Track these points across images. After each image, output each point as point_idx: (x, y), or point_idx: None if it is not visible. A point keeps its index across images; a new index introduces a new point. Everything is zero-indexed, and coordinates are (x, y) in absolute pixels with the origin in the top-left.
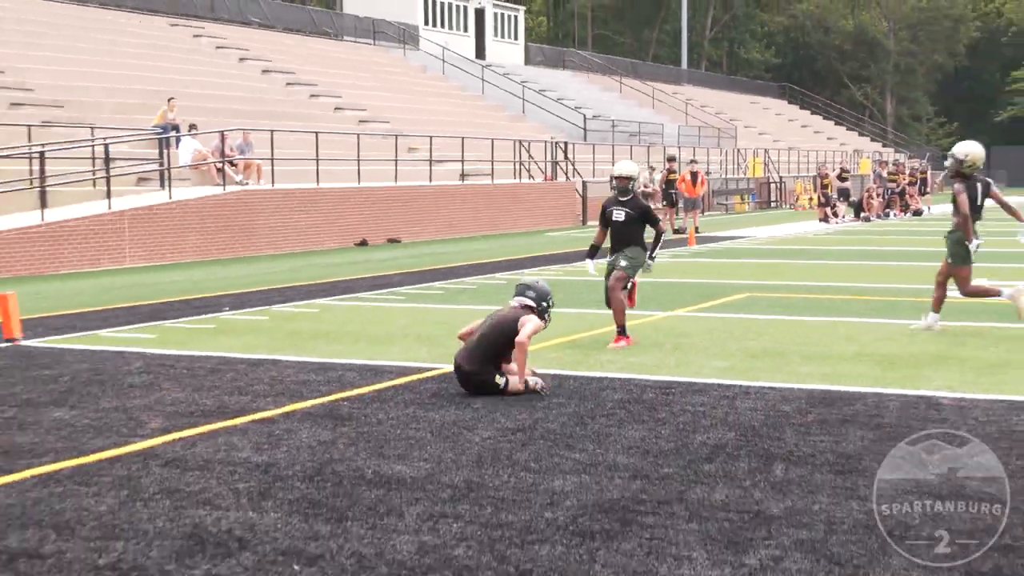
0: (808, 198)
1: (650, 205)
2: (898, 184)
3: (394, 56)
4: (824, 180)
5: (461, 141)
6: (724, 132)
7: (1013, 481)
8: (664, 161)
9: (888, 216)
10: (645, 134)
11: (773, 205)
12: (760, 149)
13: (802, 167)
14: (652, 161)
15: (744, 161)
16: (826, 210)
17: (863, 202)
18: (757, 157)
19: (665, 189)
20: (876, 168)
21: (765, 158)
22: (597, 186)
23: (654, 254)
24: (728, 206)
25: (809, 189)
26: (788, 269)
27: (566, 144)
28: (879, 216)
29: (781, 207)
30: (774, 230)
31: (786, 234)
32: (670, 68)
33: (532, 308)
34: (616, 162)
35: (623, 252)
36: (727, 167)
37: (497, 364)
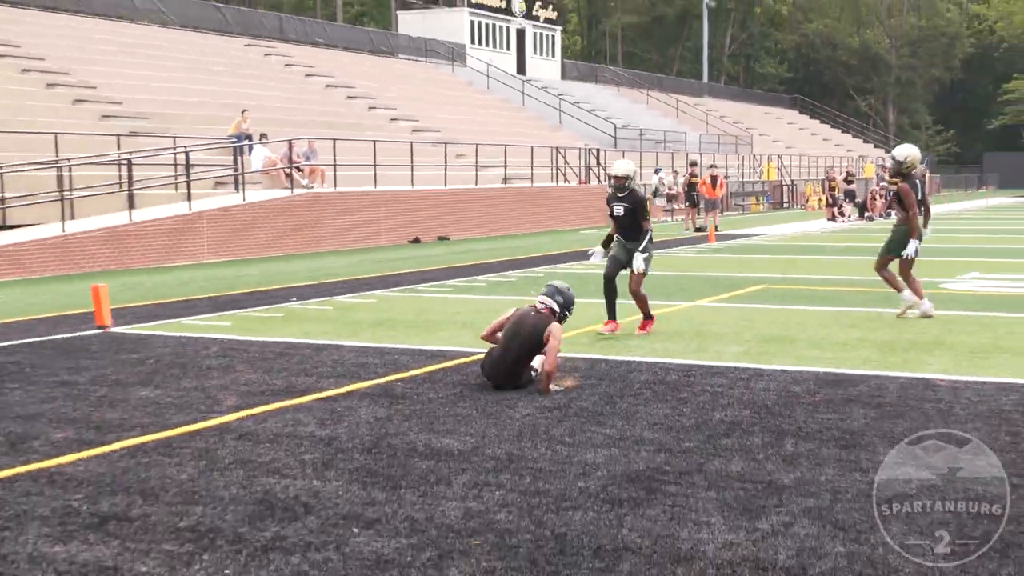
0: (817, 199)
1: (646, 199)
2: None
3: (444, 72)
4: (832, 183)
5: (504, 148)
6: (741, 140)
7: (1002, 455)
8: (687, 166)
9: (890, 216)
10: (669, 142)
11: (785, 206)
12: (774, 155)
13: (812, 171)
14: (676, 166)
15: (759, 166)
16: (833, 210)
17: (867, 203)
18: (771, 162)
19: (687, 191)
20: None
21: (778, 163)
22: None
23: (645, 248)
24: (744, 207)
25: (818, 191)
26: (799, 263)
27: (598, 151)
28: (882, 215)
29: (792, 207)
30: (786, 228)
31: (797, 232)
32: (692, 82)
33: (555, 312)
34: (615, 163)
35: (633, 246)
36: (744, 171)
37: (525, 366)
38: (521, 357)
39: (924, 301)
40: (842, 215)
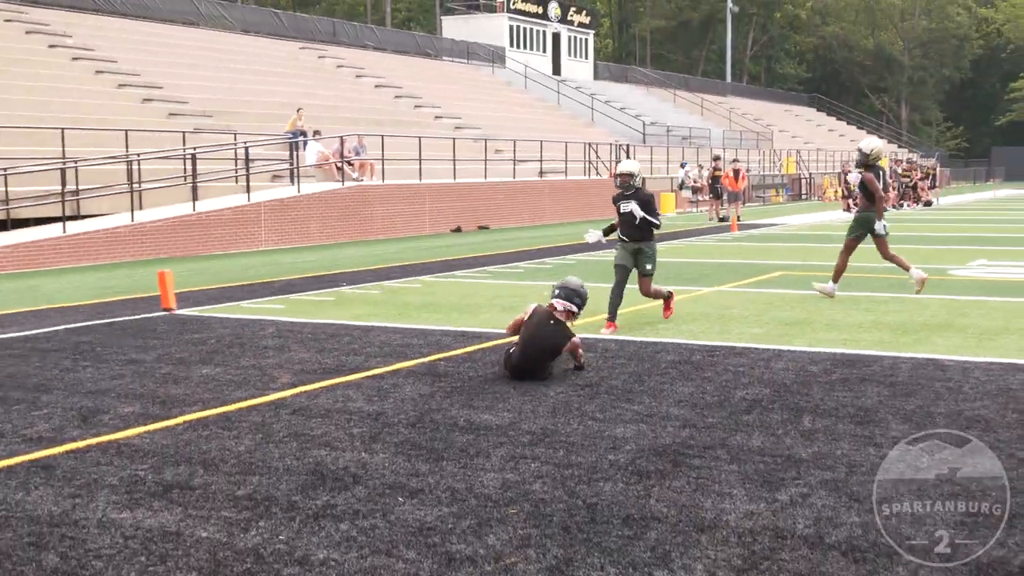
0: (833, 191)
1: (653, 195)
2: (911, 179)
3: (484, 73)
4: (847, 176)
5: (540, 144)
6: (762, 136)
7: (1009, 431)
8: (711, 160)
9: (902, 207)
10: (695, 137)
11: (803, 197)
12: (793, 150)
13: (828, 165)
14: (700, 160)
15: (779, 160)
16: (849, 201)
17: None
18: (790, 156)
19: (711, 184)
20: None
21: (797, 157)
22: (654, 182)
23: (649, 238)
24: (765, 198)
25: (834, 184)
26: (816, 251)
27: (628, 146)
28: (894, 207)
29: (810, 199)
30: (804, 219)
31: (814, 222)
32: (716, 82)
33: (573, 314)
34: (621, 163)
35: (638, 247)
36: (764, 165)
37: (545, 367)
38: (543, 361)
39: (914, 271)
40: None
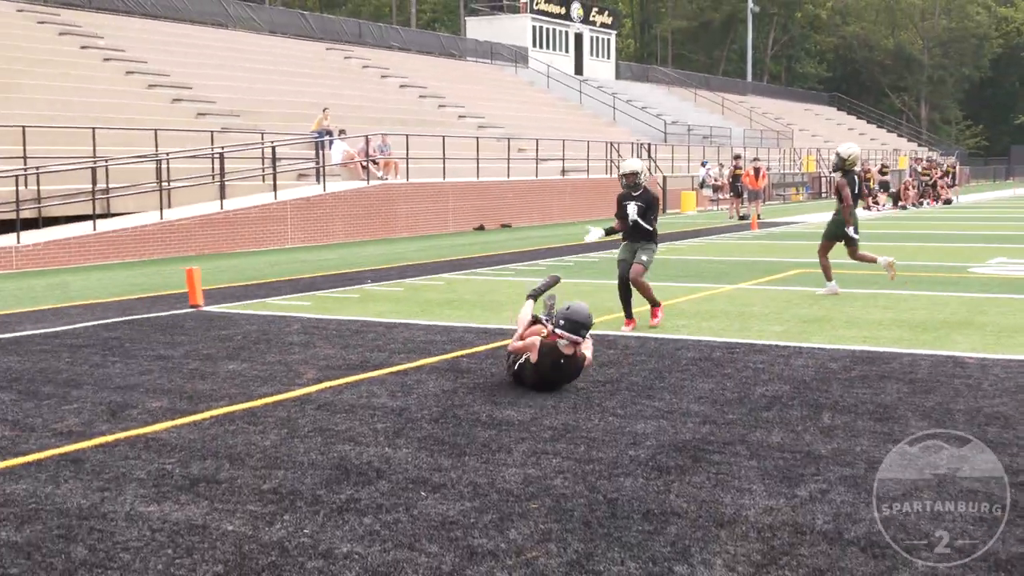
0: None
1: (658, 197)
2: (931, 178)
3: (507, 73)
4: (867, 174)
5: (562, 143)
6: (782, 134)
7: None
8: (731, 159)
9: (922, 205)
10: (715, 136)
11: (824, 196)
12: (813, 148)
13: None
14: (721, 159)
15: (799, 159)
16: (868, 200)
17: (901, 193)
18: (810, 155)
19: (732, 182)
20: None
21: (817, 156)
22: (676, 180)
23: (650, 243)
24: (785, 196)
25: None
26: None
27: (649, 145)
28: (914, 205)
29: (830, 198)
30: (824, 217)
31: None
32: (737, 81)
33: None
34: (624, 161)
35: (640, 245)
36: (785, 164)
37: None
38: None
39: (880, 258)
40: (877, 204)
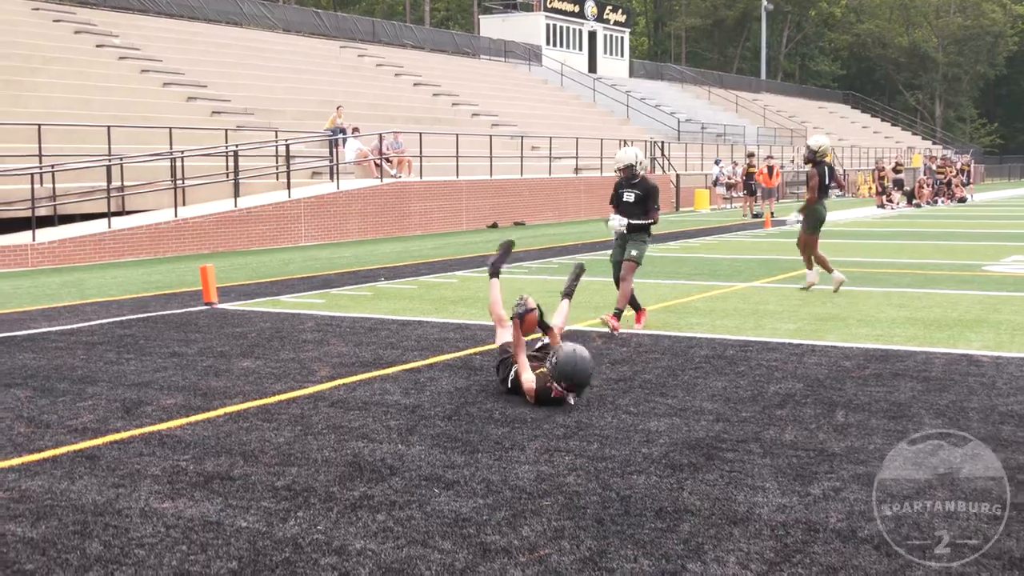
0: (867, 187)
1: (657, 187)
2: (945, 176)
3: (521, 71)
4: (881, 172)
5: (575, 141)
6: (796, 132)
7: None
8: (745, 157)
9: (936, 203)
10: (729, 135)
11: (838, 194)
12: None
13: (862, 161)
14: (735, 157)
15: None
16: (883, 198)
17: (915, 191)
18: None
19: (746, 180)
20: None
21: (831, 154)
22: (689, 178)
23: (638, 224)
24: (799, 195)
25: (869, 180)
26: (849, 247)
27: (663, 143)
28: (929, 203)
29: (845, 195)
30: (838, 215)
31: (848, 218)
32: (751, 79)
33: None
34: (619, 152)
35: (630, 237)
36: (798, 162)
37: None
38: None
39: (812, 272)
40: (891, 202)
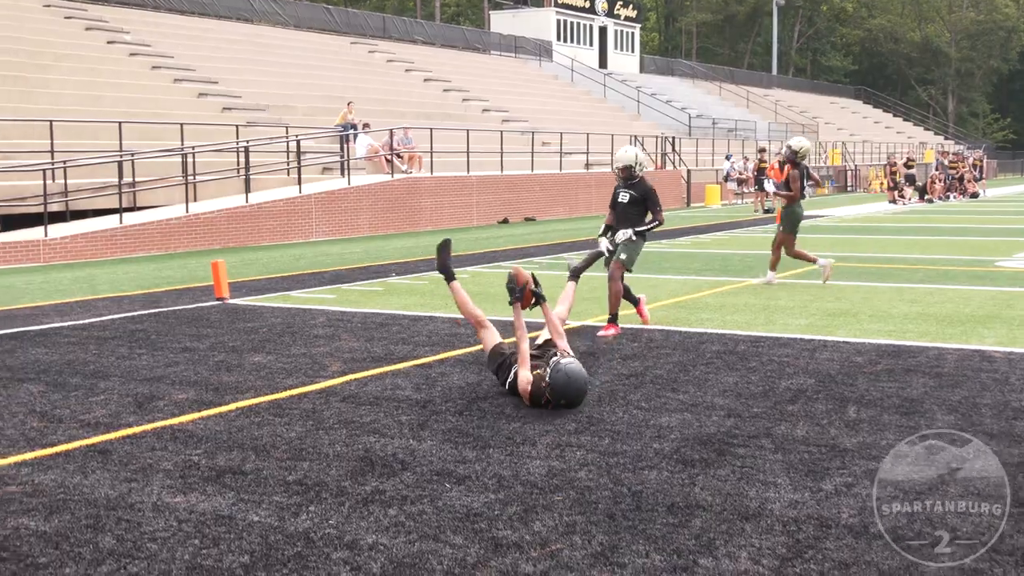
0: (879, 183)
1: (654, 189)
2: (958, 171)
3: (532, 67)
4: (893, 168)
5: (586, 136)
6: (808, 128)
7: None
8: (756, 152)
9: (949, 199)
10: (740, 130)
11: (849, 189)
12: (839, 142)
13: (874, 157)
14: (746, 152)
15: (825, 152)
16: (894, 193)
17: (927, 186)
18: (836, 148)
19: (757, 176)
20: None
21: (843, 149)
22: (700, 174)
23: (642, 231)
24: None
25: (880, 175)
26: (861, 243)
27: (674, 139)
28: (941, 198)
29: (856, 191)
30: (850, 210)
31: (860, 214)
32: (762, 74)
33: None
34: (619, 152)
35: (622, 240)
36: (810, 157)
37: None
38: None
39: (770, 273)
40: (903, 198)
